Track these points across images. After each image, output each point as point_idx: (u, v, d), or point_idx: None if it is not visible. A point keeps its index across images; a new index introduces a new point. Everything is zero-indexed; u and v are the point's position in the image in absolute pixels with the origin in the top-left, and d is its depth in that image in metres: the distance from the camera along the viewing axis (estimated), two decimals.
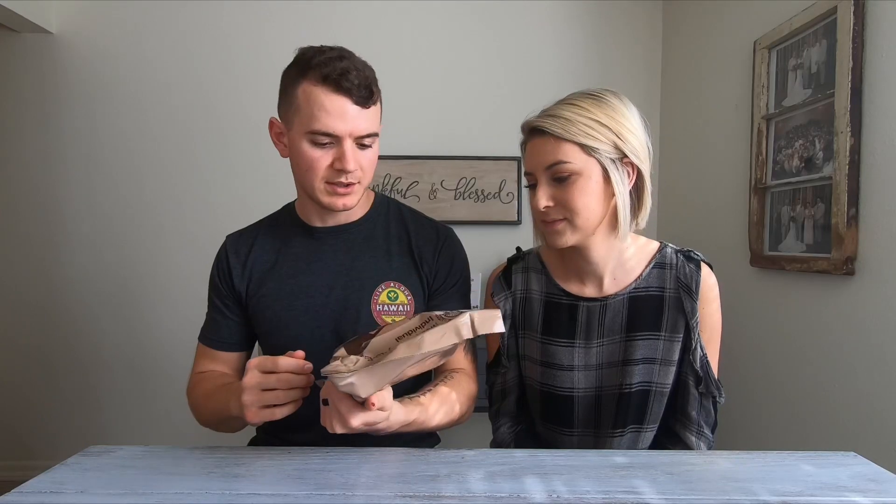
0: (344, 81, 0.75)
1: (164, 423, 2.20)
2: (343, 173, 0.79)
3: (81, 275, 2.21)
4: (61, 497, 0.59)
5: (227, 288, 0.92)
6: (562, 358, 0.85)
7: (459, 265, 0.95)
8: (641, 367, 0.83)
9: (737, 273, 1.68)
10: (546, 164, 0.77)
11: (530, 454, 0.73)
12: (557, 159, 0.76)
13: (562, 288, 0.87)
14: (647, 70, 2.25)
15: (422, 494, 0.59)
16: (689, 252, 0.85)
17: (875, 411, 1.18)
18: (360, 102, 0.77)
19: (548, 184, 0.78)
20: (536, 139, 0.79)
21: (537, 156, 0.79)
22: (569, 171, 0.76)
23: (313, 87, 0.77)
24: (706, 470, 0.67)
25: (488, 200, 2.22)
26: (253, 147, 2.20)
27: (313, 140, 0.78)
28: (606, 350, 0.84)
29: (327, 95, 0.76)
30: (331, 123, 0.76)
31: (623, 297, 0.84)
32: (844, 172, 1.22)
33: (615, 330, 0.84)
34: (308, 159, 0.80)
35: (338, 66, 0.76)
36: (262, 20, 2.18)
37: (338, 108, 0.76)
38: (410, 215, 0.97)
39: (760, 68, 1.57)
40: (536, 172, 0.79)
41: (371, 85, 0.78)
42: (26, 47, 2.14)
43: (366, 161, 0.82)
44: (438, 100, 2.22)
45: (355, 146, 0.80)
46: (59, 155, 2.18)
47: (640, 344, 0.83)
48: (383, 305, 0.89)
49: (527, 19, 2.22)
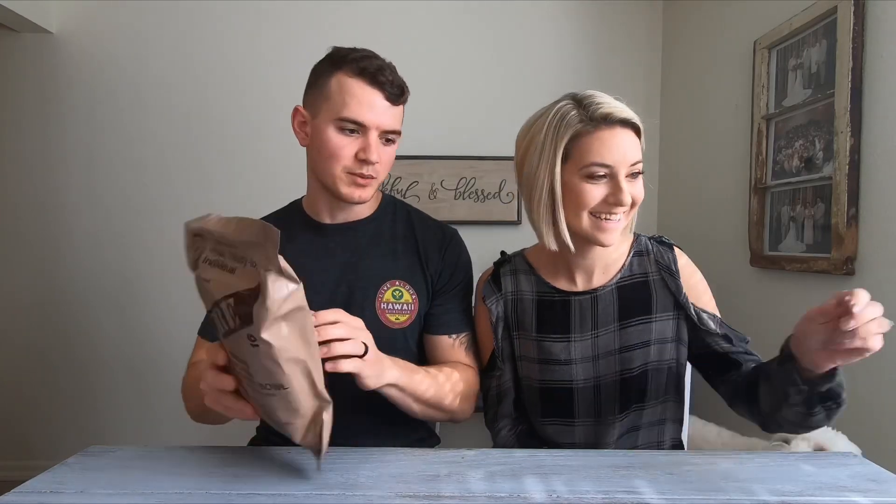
0: (380, 76, 0.81)
1: (164, 423, 2.20)
2: (366, 164, 0.82)
3: (82, 274, 2.21)
4: (61, 497, 0.59)
5: None
6: (559, 353, 0.86)
7: (463, 266, 0.96)
8: (640, 352, 0.84)
9: (737, 273, 1.68)
10: (633, 160, 0.77)
11: (530, 454, 0.73)
12: (639, 157, 0.78)
13: (552, 285, 0.88)
14: (647, 70, 2.25)
15: (422, 494, 0.60)
16: (660, 237, 0.90)
17: (875, 411, 1.18)
18: (391, 99, 0.82)
19: (626, 179, 0.77)
20: (619, 130, 0.76)
21: (622, 149, 0.75)
22: (641, 169, 0.79)
23: (348, 77, 0.81)
24: (706, 470, 0.67)
25: (488, 200, 2.22)
26: (253, 146, 2.20)
27: (341, 126, 0.81)
28: (602, 340, 0.86)
29: (361, 87, 0.81)
30: (361, 112, 0.80)
31: (611, 288, 0.86)
32: (844, 172, 1.22)
33: (608, 320, 0.86)
34: (333, 146, 0.82)
35: (374, 63, 0.81)
36: (262, 19, 2.19)
37: (369, 100, 0.81)
38: (417, 216, 0.98)
39: (760, 68, 1.57)
40: (619, 166, 0.75)
41: (403, 85, 0.84)
42: (26, 47, 2.14)
43: (386, 157, 0.85)
44: (438, 100, 2.22)
45: (379, 140, 0.83)
46: (59, 154, 2.18)
47: (636, 329, 0.85)
48: (388, 304, 0.90)
49: (527, 20, 2.22)
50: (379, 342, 0.91)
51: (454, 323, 0.93)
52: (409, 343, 0.92)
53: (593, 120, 0.75)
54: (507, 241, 2.25)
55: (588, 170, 0.76)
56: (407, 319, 0.91)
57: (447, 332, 0.92)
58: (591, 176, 0.76)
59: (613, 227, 0.78)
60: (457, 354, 0.92)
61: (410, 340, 0.92)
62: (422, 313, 0.92)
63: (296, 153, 2.26)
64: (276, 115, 2.22)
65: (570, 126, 0.76)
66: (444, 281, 0.93)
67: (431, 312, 0.93)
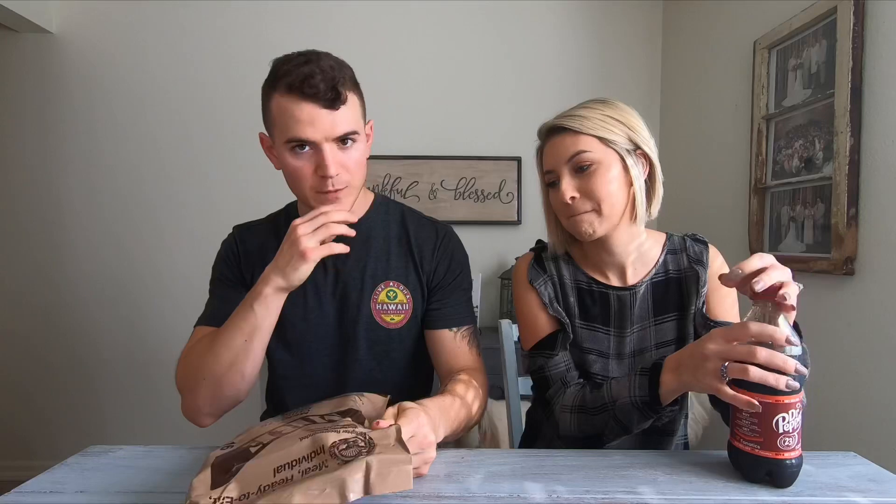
0: (306, 87, 0.75)
1: (164, 423, 2.20)
2: (326, 179, 0.79)
3: (81, 274, 2.21)
4: (61, 497, 0.59)
5: (236, 273, 0.92)
6: (600, 344, 0.87)
7: (459, 260, 0.96)
8: (674, 348, 0.85)
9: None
10: (567, 157, 0.80)
11: (530, 454, 0.73)
12: (578, 149, 0.80)
13: (590, 276, 0.89)
14: (647, 70, 2.25)
15: (422, 494, 0.60)
16: (695, 235, 0.92)
17: (875, 411, 1.18)
18: (327, 105, 0.76)
19: (571, 176, 0.81)
20: (555, 138, 0.83)
21: (558, 151, 0.82)
22: (590, 160, 0.79)
23: (281, 97, 0.77)
24: (706, 470, 0.67)
25: (488, 200, 2.22)
26: (252, 146, 2.18)
27: (292, 149, 0.79)
28: (637, 337, 0.86)
29: (295, 104, 0.76)
30: (302, 130, 0.76)
31: (647, 284, 0.87)
32: (844, 172, 1.22)
33: (644, 317, 0.87)
34: (292, 169, 0.80)
35: (301, 73, 0.75)
36: (262, 19, 2.19)
37: (306, 115, 0.76)
38: (410, 215, 0.98)
39: (760, 68, 1.57)
40: (558, 167, 0.82)
41: (337, 85, 0.77)
42: (26, 47, 2.14)
43: (351, 162, 0.81)
44: (438, 100, 2.22)
45: (336, 149, 0.79)
46: (58, 154, 2.18)
47: (671, 326, 0.86)
48: (383, 304, 0.90)
49: (527, 20, 2.22)
50: (374, 343, 0.91)
51: (455, 316, 0.92)
52: (404, 343, 0.92)
53: (541, 137, 0.87)
54: (507, 241, 2.27)
55: (545, 178, 0.86)
56: (402, 319, 0.91)
57: (448, 325, 0.92)
58: (548, 184, 0.86)
59: (579, 221, 0.81)
60: (459, 347, 0.91)
61: (406, 340, 0.93)
62: (417, 313, 0.92)
63: None
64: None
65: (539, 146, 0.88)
66: (439, 277, 0.93)
67: (431, 308, 0.93)
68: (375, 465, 0.50)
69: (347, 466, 0.50)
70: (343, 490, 0.48)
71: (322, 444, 0.54)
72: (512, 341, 1.14)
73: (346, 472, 0.49)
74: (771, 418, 0.59)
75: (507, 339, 1.14)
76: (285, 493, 0.49)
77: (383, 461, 0.51)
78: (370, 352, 0.91)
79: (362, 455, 0.52)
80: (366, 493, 0.49)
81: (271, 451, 0.56)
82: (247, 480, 0.53)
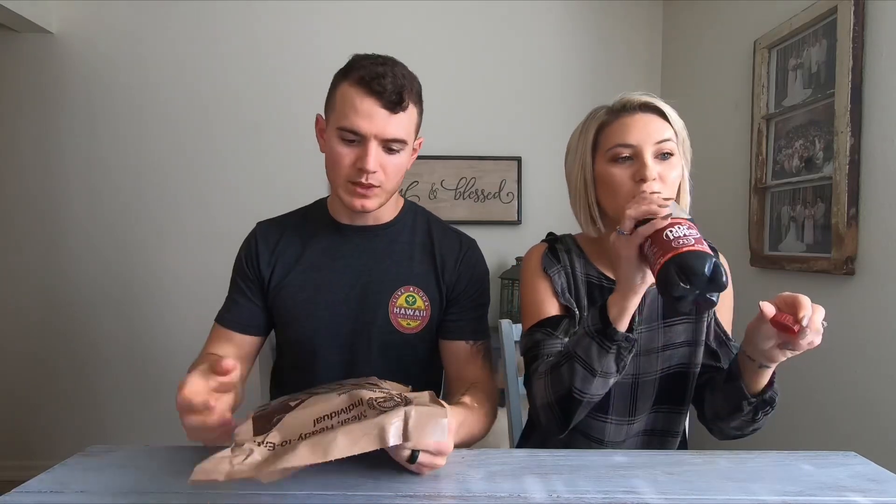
0: (376, 84, 0.79)
1: (164, 422, 2.19)
2: (363, 173, 0.81)
3: (81, 274, 2.21)
4: (61, 497, 0.59)
5: (254, 272, 0.93)
6: None
7: (479, 277, 0.96)
8: (682, 350, 0.86)
9: (737, 273, 1.67)
10: (657, 139, 0.79)
11: (530, 454, 0.73)
12: (667, 136, 0.80)
13: (601, 272, 0.89)
14: (647, 70, 2.25)
15: (422, 494, 0.59)
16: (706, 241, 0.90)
17: (875, 411, 1.18)
18: (388, 107, 0.80)
19: (653, 158, 0.79)
20: (643, 115, 0.81)
21: (648, 128, 0.80)
22: (672, 150, 0.80)
23: (349, 87, 0.81)
24: (706, 470, 0.67)
25: (488, 200, 2.22)
26: (252, 147, 2.20)
27: (342, 136, 0.82)
28: (645, 337, 0.86)
29: (359, 96, 0.80)
30: (357, 122, 0.80)
31: None
32: (844, 172, 1.22)
33: (652, 318, 0.86)
34: (334, 155, 0.83)
35: (374, 71, 0.80)
36: (262, 19, 2.19)
37: (366, 109, 0.80)
38: (436, 224, 0.99)
39: (760, 68, 1.57)
40: (643, 145, 0.79)
41: (402, 91, 0.81)
42: (26, 47, 2.14)
43: (391, 166, 0.83)
44: (439, 100, 2.22)
45: (381, 149, 0.82)
46: (58, 154, 2.18)
47: (681, 329, 0.86)
48: (401, 309, 0.91)
49: (527, 19, 2.22)
50: (387, 346, 0.91)
51: (472, 329, 0.93)
52: (418, 349, 0.93)
53: (615, 111, 0.83)
54: (507, 241, 2.27)
55: (612, 151, 0.80)
56: (418, 325, 0.91)
57: (465, 337, 0.92)
58: (616, 158, 0.80)
59: None
60: (473, 360, 0.92)
61: (420, 347, 0.93)
62: (434, 321, 0.92)
63: (294, 153, 2.27)
64: (275, 116, 2.22)
65: (596, 119, 0.84)
66: (459, 290, 0.94)
67: (447, 319, 0.93)
68: (414, 414, 0.52)
69: (387, 414, 0.52)
70: (383, 434, 0.51)
71: (360, 397, 0.57)
72: (512, 341, 1.14)
73: (386, 418, 0.52)
74: (661, 235, 0.63)
75: (507, 339, 1.14)
76: (328, 436, 0.51)
77: (421, 412, 0.53)
78: (382, 354, 0.91)
79: (400, 406, 0.54)
80: (405, 439, 0.52)
81: (310, 404, 0.59)
82: (288, 430, 0.55)
